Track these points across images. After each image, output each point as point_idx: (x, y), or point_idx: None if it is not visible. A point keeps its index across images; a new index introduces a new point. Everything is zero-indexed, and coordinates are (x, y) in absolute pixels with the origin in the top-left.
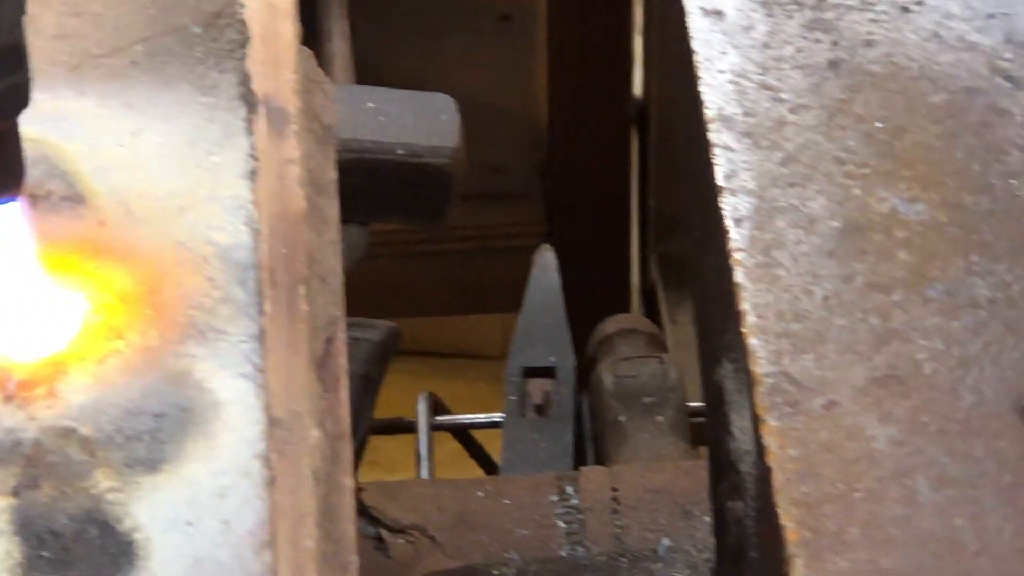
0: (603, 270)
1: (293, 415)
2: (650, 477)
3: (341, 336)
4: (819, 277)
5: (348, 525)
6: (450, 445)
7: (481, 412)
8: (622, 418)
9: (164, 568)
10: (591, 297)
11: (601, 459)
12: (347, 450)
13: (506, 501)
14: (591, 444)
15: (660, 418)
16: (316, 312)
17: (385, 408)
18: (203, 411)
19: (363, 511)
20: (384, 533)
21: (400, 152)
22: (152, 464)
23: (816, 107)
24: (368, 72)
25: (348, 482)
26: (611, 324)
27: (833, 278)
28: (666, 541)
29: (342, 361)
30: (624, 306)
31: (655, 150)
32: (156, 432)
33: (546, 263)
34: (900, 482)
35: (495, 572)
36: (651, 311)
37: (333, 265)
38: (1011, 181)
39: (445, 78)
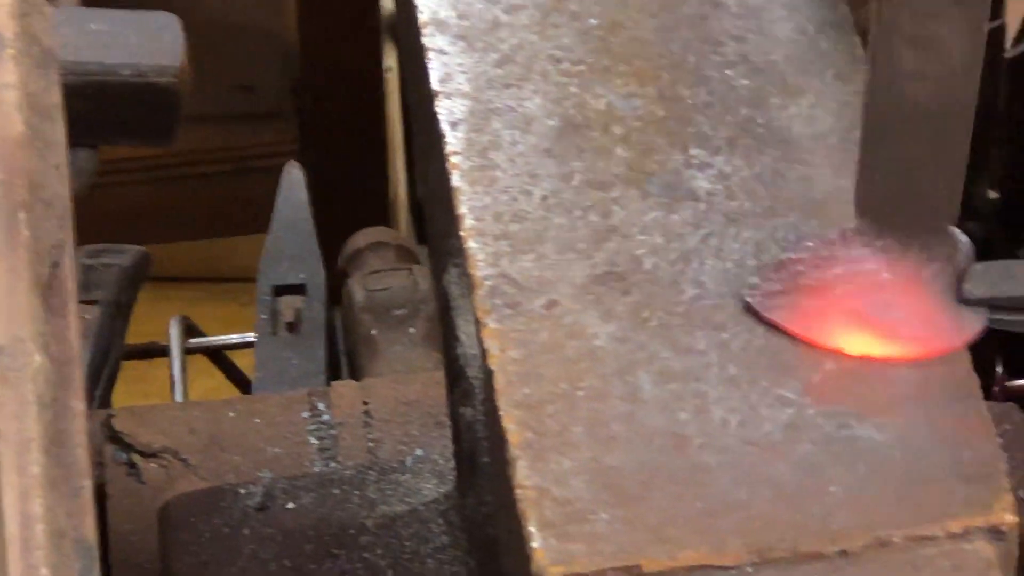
0: (362, 187)
1: (15, 341)
2: (402, 389)
3: (69, 261)
4: (537, 177)
5: (80, 450)
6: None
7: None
8: (374, 331)
9: None
10: (350, 214)
11: (355, 374)
12: (77, 374)
13: (257, 420)
14: (345, 359)
15: (412, 330)
16: (40, 237)
17: (149, 336)
18: None
19: (114, 437)
20: (135, 458)
21: (125, 72)
22: None
23: (530, 7)
24: None
25: (79, 406)
26: (360, 238)
27: (551, 177)
28: (419, 452)
29: (70, 285)
30: (385, 222)
31: None
32: None
33: (292, 180)
34: (623, 379)
35: (242, 491)
36: (422, 227)
37: (58, 189)
38: (727, 72)
39: None
